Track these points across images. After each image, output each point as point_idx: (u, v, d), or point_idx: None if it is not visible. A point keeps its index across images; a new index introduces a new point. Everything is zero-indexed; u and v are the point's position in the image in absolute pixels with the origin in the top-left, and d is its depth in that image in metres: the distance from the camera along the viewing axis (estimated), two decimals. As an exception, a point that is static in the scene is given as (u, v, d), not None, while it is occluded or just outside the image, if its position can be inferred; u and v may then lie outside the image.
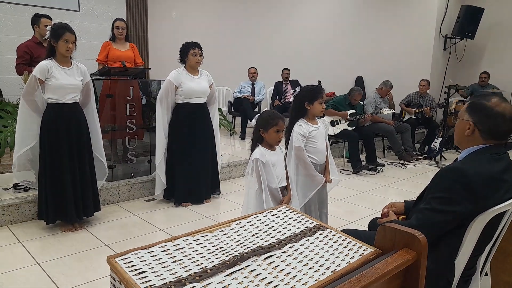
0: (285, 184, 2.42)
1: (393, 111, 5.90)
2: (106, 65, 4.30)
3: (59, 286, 2.27)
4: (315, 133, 2.58)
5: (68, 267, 2.50)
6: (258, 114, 2.41)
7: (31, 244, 2.81)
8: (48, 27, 2.88)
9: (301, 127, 2.55)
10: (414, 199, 1.81)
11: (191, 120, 3.64)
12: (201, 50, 3.64)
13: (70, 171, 2.97)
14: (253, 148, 2.36)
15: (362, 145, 5.79)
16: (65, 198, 2.96)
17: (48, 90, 2.88)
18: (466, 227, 1.44)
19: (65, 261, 2.57)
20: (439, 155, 5.71)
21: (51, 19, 4.15)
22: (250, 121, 6.08)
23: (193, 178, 3.69)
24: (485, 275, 1.66)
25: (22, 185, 3.40)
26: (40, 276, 2.38)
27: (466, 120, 1.54)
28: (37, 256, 2.63)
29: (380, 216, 1.95)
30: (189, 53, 3.57)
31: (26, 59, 4.04)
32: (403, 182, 4.73)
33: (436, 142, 5.88)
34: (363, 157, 5.45)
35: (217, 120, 3.99)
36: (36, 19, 4.17)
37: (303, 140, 2.55)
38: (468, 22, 6.63)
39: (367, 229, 2.08)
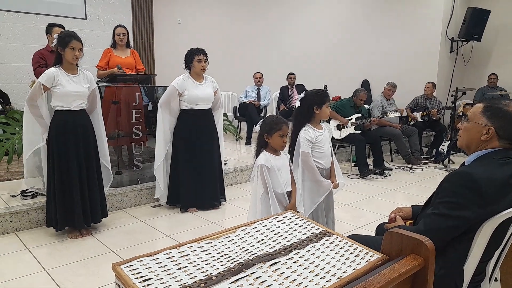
0: (290, 189, 2.41)
1: (399, 115, 5.87)
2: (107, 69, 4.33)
3: (66, 293, 2.28)
4: (321, 137, 2.57)
5: (75, 273, 2.50)
6: (262, 119, 2.40)
7: (38, 251, 2.82)
8: (55, 35, 2.92)
9: (308, 132, 2.52)
10: (422, 203, 1.79)
11: (196, 126, 3.64)
12: (206, 57, 3.63)
13: (78, 177, 2.99)
14: (257, 154, 2.35)
15: (369, 149, 5.76)
16: (73, 204, 2.98)
17: (55, 97, 2.91)
18: (475, 232, 1.42)
19: (72, 268, 2.58)
20: (447, 159, 5.66)
21: (64, 28, 4.20)
22: (256, 126, 6.07)
23: (199, 184, 3.69)
24: (494, 280, 1.64)
25: (29, 192, 3.42)
26: (47, 283, 2.38)
27: (483, 125, 1.51)
28: (44, 263, 2.63)
29: (387, 221, 1.93)
30: (194, 60, 3.58)
31: (43, 63, 4.10)
32: (411, 186, 4.69)
33: (444, 145, 5.83)
34: (370, 161, 5.42)
35: (221, 126, 3.99)
36: (49, 28, 4.23)
37: (309, 146, 2.52)
38: (474, 25, 6.60)
39: (374, 234, 2.07)
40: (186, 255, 1.10)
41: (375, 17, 7.32)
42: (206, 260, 1.08)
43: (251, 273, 1.02)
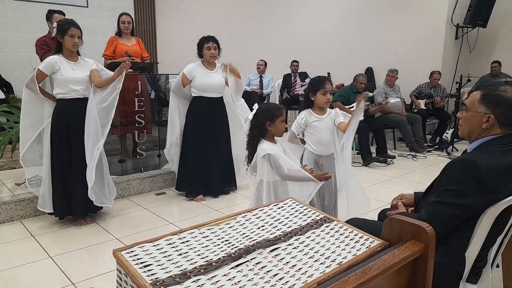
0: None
1: (398, 100, 5.82)
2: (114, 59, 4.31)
3: (71, 279, 2.30)
4: (317, 123, 2.56)
5: (80, 260, 2.53)
6: (255, 110, 2.35)
7: (43, 238, 2.86)
8: (55, 24, 2.91)
9: (300, 116, 2.62)
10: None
11: (205, 114, 3.63)
12: (217, 44, 3.61)
13: (79, 166, 2.99)
14: (254, 144, 2.29)
15: (372, 137, 5.74)
16: (73, 193, 2.99)
17: (56, 84, 2.92)
18: (477, 219, 1.42)
19: (77, 255, 2.61)
20: (451, 146, 5.63)
21: (64, 15, 4.17)
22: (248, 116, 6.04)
23: (206, 172, 3.68)
24: (496, 267, 1.64)
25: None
26: (52, 269, 2.41)
27: (483, 113, 1.49)
28: (49, 250, 2.67)
29: (390, 207, 1.93)
30: (203, 47, 3.57)
31: (47, 49, 4.08)
32: (414, 174, 4.69)
33: (447, 133, 5.80)
34: (373, 149, 5.40)
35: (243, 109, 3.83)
36: (49, 15, 4.20)
37: (298, 129, 2.63)
38: (480, 10, 6.50)
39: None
40: (187, 241, 1.11)
41: (379, 3, 7.22)
42: (206, 246, 1.09)
43: (251, 259, 1.03)
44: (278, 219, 1.28)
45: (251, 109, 2.40)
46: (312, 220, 1.28)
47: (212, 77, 3.62)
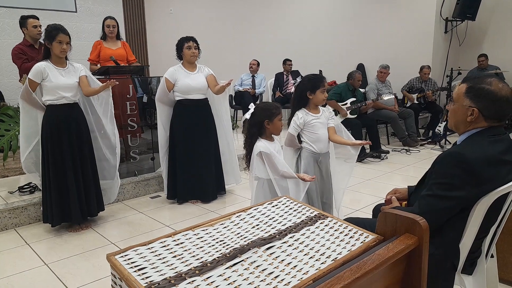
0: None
1: (392, 97, 5.84)
2: (99, 64, 4.28)
3: (68, 286, 2.29)
4: (315, 122, 2.56)
5: (76, 266, 2.52)
6: (254, 109, 2.36)
7: (38, 246, 2.83)
8: (43, 31, 2.89)
9: (297, 116, 2.57)
10: (418, 184, 1.79)
11: (189, 117, 3.56)
12: (197, 44, 3.55)
13: (73, 172, 2.98)
14: (251, 143, 2.32)
15: (365, 133, 5.76)
16: (69, 200, 2.97)
17: (45, 91, 2.90)
18: (470, 210, 1.43)
19: (73, 261, 2.59)
20: (444, 139, 5.67)
21: (38, 19, 4.10)
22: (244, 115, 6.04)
23: (195, 176, 3.62)
24: (491, 257, 1.65)
25: (27, 188, 3.42)
26: (48, 277, 2.40)
27: (467, 106, 1.50)
28: (44, 257, 2.65)
29: (384, 202, 1.94)
30: (183, 47, 3.51)
31: (25, 58, 4.01)
32: (408, 168, 4.71)
33: (440, 126, 5.82)
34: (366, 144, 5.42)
35: (227, 112, 3.90)
36: (23, 22, 4.06)
37: (296, 129, 2.59)
38: (468, 4, 6.53)
39: (371, 216, 2.08)
40: (181, 243, 1.11)
41: (368, -1, 7.25)
42: (201, 247, 1.08)
43: (246, 258, 1.02)
44: (273, 218, 1.28)
45: (247, 109, 2.40)
46: (307, 217, 1.28)
47: (193, 78, 3.55)
